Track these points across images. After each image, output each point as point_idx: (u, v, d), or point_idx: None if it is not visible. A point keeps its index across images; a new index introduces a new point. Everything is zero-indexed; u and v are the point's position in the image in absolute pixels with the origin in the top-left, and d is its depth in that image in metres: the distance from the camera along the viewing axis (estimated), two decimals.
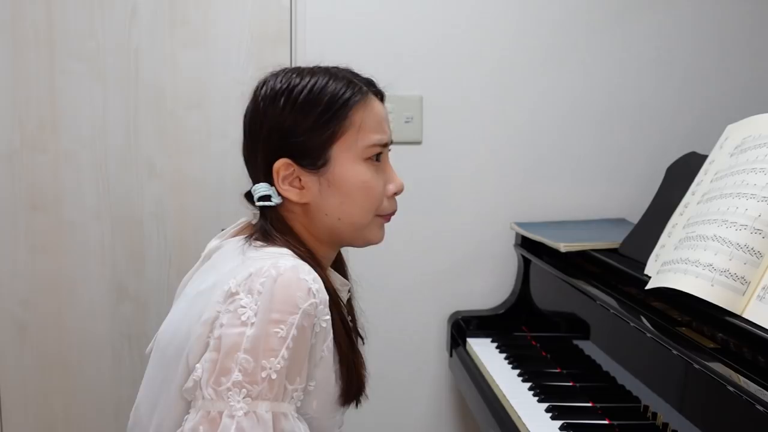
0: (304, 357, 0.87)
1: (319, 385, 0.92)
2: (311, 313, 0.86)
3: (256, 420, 0.83)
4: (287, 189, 0.97)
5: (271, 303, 0.84)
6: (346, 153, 0.96)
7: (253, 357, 0.83)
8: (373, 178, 0.98)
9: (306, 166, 0.96)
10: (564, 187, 1.97)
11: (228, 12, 1.87)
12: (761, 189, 1.14)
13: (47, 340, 1.95)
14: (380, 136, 0.98)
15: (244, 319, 0.85)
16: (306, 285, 0.86)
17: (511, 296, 1.90)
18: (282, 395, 0.85)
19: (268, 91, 0.99)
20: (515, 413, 1.36)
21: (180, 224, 1.94)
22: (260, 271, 0.87)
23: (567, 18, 1.91)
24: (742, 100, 1.97)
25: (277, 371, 0.84)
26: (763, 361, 1.01)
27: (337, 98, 0.95)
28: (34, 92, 1.86)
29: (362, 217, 0.99)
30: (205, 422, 0.84)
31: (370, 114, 0.98)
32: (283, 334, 0.84)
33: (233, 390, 0.83)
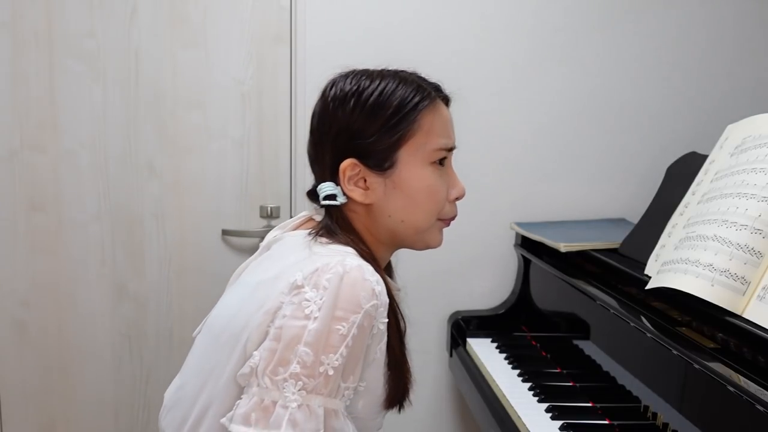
0: (360, 356, 0.88)
1: (369, 387, 0.93)
2: (372, 314, 0.87)
3: (308, 413, 0.84)
4: (352, 189, 0.97)
5: (336, 300, 0.86)
6: (412, 156, 0.96)
7: (314, 351, 0.84)
8: (437, 182, 0.99)
9: (372, 167, 0.96)
10: (564, 187, 1.97)
11: (228, 12, 1.87)
12: (761, 189, 1.14)
13: (47, 340, 1.95)
14: (446, 140, 0.99)
15: (308, 312, 0.86)
16: (370, 286, 0.87)
17: (511, 296, 1.90)
18: (335, 392, 0.87)
19: (338, 92, 0.99)
20: (515, 413, 1.36)
21: (180, 224, 1.94)
22: (327, 267, 0.88)
23: (567, 18, 1.91)
24: (742, 100, 1.97)
25: (334, 368, 0.85)
26: (763, 361, 1.01)
27: (406, 102, 0.96)
28: (34, 92, 1.86)
29: (425, 221, 0.99)
30: (258, 409, 0.85)
31: (438, 118, 0.98)
32: (344, 332, 0.85)
33: (289, 381, 0.84)
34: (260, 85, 1.90)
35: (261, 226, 1.95)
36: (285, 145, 1.92)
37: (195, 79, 1.89)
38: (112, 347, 1.98)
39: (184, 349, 2.00)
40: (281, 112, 1.91)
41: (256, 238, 1.95)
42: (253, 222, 1.95)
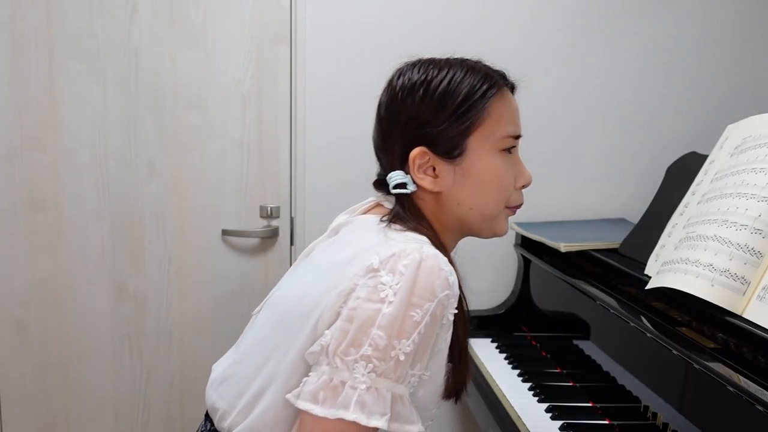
0: (429, 345, 0.89)
1: (432, 376, 0.93)
2: (444, 303, 0.88)
3: (377, 396, 0.84)
4: (422, 177, 0.97)
5: (412, 286, 0.86)
6: (482, 144, 0.97)
7: (387, 335, 0.84)
8: (506, 170, 0.99)
9: (442, 155, 0.96)
10: (564, 187, 1.97)
11: (228, 12, 1.87)
12: (761, 189, 1.14)
13: (47, 340, 1.96)
14: (514, 128, 1.00)
15: (383, 296, 0.86)
16: (445, 275, 0.88)
17: (511, 296, 1.90)
18: (403, 378, 0.87)
19: (406, 82, 1.00)
20: (515, 413, 1.36)
21: (180, 224, 1.94)
22: (404, 253, 0.88)
23: (567, 18, 1.91)
24: (742, 100, 1.97)
25: (405, 353, 0.85)
26: (763, 361, 1.01)
27: (475, 90, 0.96)
28: (34, 92, 1.86)
29: (494, 208, 1.00)
30: (327, 389, 0.85)
31: (506, 106, 0.99)
32: (418, 319, 0.85)
33: (360, 363, 0.84)
34: (260, 85, 1.90)
35: (261, 226, 1.95)
36: (285, 145, 1.92)
37: (195, 79, 1.89)
38: (112, 347, 1.98)
39: (184, 349, 2.01)
40: (281, 112, 1.91)
41: (256, 238, 1.95)
42: (253, 222, 1.95)
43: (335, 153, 1.89)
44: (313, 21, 1.85)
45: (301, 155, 1.90)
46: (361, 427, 0.84)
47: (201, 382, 2.06)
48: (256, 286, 1.98)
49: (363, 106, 1.90)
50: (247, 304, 1.99)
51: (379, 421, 0.84)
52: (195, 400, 2.02)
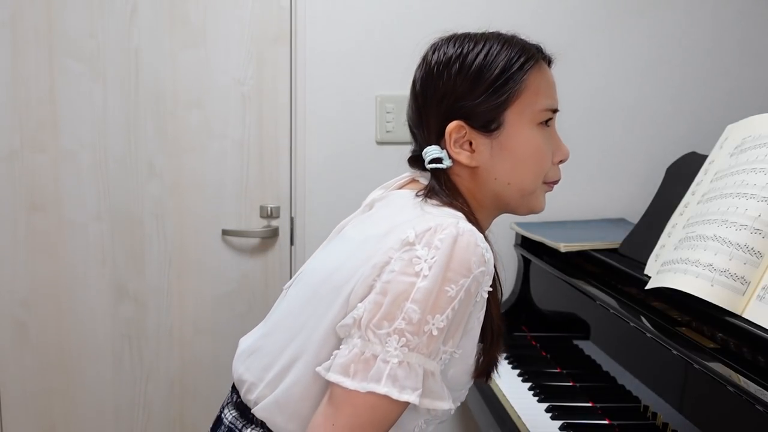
0: (462, 322, 0.88)
1: (463, 355, 0.92)
2: (479, 280, 0.86)
3: (409, 370, 0.83)
4: (459, 152, 0.96)
5: (448, 261, 0.84)
6: (519, 117, 0.95)
7: (421, 309, 0.83)
8: (544, 144, 0.98)
9: (479, 129, 0.95)
10: (564, 187, 1.95)
11: (228, 12, 1.87)
12: (761, 189, 1.14)
13: (47, 340, 1.96)
14: (552, 101, 0.99)
15: (418, 269, 0.84)
16: (481, 251, 0.86)
17: (511, 296, 1.90)
18: (435, 354, 0.86)
19: (441, 57, 0.98)
20: (515, 413, 1.36)
21: (180, 224, 1.94)
22: (440, 227, 0.86)
23: (567, 18, 1.91)
24: (742, 100, 1.97)
25: (439, 329, 0.84)
26: (763, 361, 1.01)
27: (512, 63, 0.95)
28: (34, 92, 1.86)
29: (531, 183, 0.99)
30: (359, 361, 0.84)
31: (543, 79, 0.98)
32: (453, 294, 0.84)
33: (393, 336, 0.83)
34: (260, 85, 1.90)
35: (261, 226, 1.95)
36: (285, 145, 1.92)
37: (195, 79, 1.89)
38: (112, 347, 1.98)
39: (184, 349, 2.01)
40: (281, 112, 1.91)
41: (256, 238, 1.95)
42: (253, 222, 1.95)
43: (335, 153, 1.89)
44: (313, 21, 1.85)
45: (301, 155, 1.90)
46: (393, 401, 0.83)
47: (201, 382, 2.08)
48: (256, 286, 1.98)
49: (363, 106, 1.91)
50: (247, 304, 1.99)
51: (411, 395, 0.83)
52: (195, 401, 2.02)
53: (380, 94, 1.88)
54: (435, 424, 0.98)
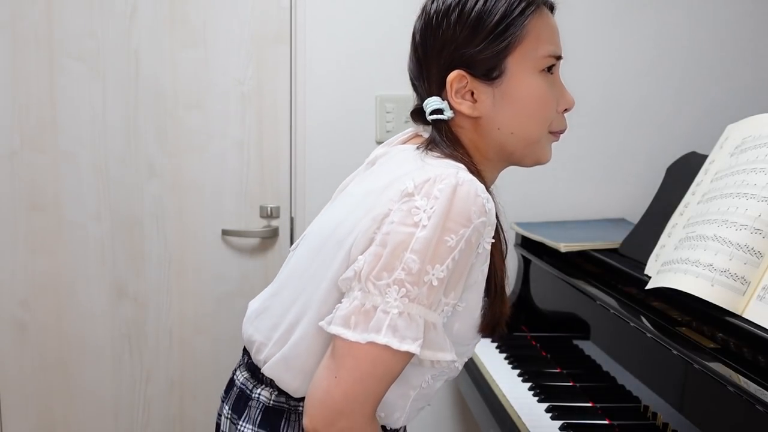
0: (464, 273, 0.87)
1: (467, 309, 0.91)
2: (480, 230, 0.85)
3: (409, 321, 0.83)
4: (460, 102, 0.94)
5: (447, 211, 0.83)
6: (521, 64, 0.93)
7: (420, 259, 0.83)
8: (548, 91, 0.95)
9: (480, 77, 0.93)
10: (564, 187, 1.97)
11: (228, 12, 1.87)
12: (761, 189, 1.14)
13: (47, 340, 1.96)
14: (555, 47, 0.97)
15: (417, 220, 0.84)
16: (481, 201, 0.85)
17: (510, 296, 1.89)
18: (436, 305, 0.85)
19: (440, 5, 0.94)
20: (515, 413, 1.36)
21: (180, 224, 1.94)
22: (440, 178, 0.85)
23: (566, 18, 1.90)
24: (742, 100, 1.97)
25: (439, 279, 0.83)
26: (763, 361, 1.01)
27: (513, 8, 0.92)
28: (34, 92, 1.86)
29: (536, 132, 0.96)
30: (359, 313, 0.84)
31: (545, 24, 0.96)
32: (452, 244, 0.83)
33: (393, 287, 0.83)
34: (260, 85, 1.90)
35: (261, 226, 1.95)
36: (285, 145, 1.92)
37: (195, 79, 1.89)
38: (111, 347, 1.98)
39: (184, 349, 2.01)
40: (281, 112, 1.91)
41: (257, 238, 1.95)
42: (253, 222, 1.95)
43: (335, 153, 1.89)
44: (313, 21, 1.85)
45: (301, 155, 1.90)
46: (394, 352, 0.83)
47: (201, 382, 2.08)
48: (256, 286, 1.98)
49: (363, 106, 1.91)
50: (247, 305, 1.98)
51: (412, 345, 0.83)
52: (195, 400, 2.02)
53: (380, 94, 1.88)
54: (443, 380, 0.98)
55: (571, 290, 1.56)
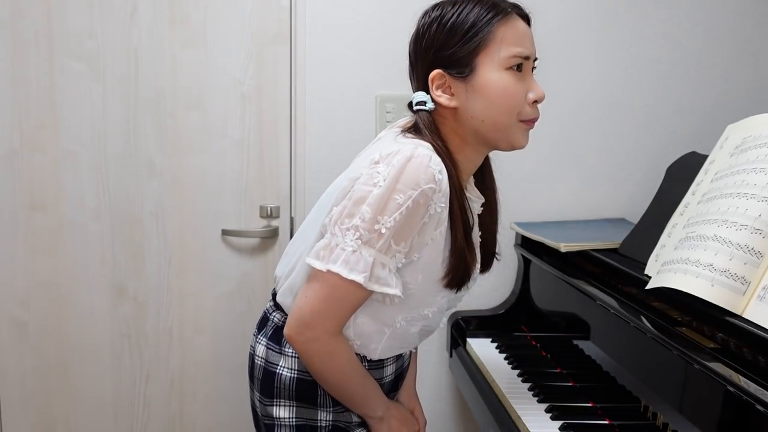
0: (412, 226, 1.07)
1: (425, 261, 1.12)
2: (428, 194, 1.05)
3: (359, 258, 1.06)
4: (439, 95, 1.13)
5: (399, 175, 1.05)
6: (488, 63, 1.10)
7: (372, 210, 1.05)
8: (512, 84, 1.11)
9: (455, 75, 1.12)
10: (564, 187, 1.97)
11: (228, 12, 1.87)
12: (761, 189, 1.14)
13: (47, 340, 1.96)
14: (520, 48, 1.11)
15: (375, 181, 1.06)
16: (431, 171, 1.05)
17: (511, 296, 1.90)
18: (386, 249, 1.07)
19: (427, 20, 1.15)
20: (515, 413, 1.36)
21: (180, 224, 1.94)
22: (401, 151, 1.06)
23: (567, 18, 1.91)
24: (742, 100, 1.97)
25: (387, 228, 1.05)
26: (763, 361, 1.01)
27: (481, 17, 1.10)
28: (33, 92, 1.86)
29: (503, 120, 1.12)
30: (326, 248, 1.09)
31: (511, 29, 1.11)
32: (400, 202, 1.04)
33: (350, 231, 1.06)
34: (260, 85, 1.90)
35: (261, 226, 1.95)
36: (285, 145, 1.92)
37: (195, 79, 1.89)
38: (111, 347, 1.98)
39: (184, 349, 2.01)
40: (281, 112, 1.91)
41: (256, 238, 1.95)
42: (253, 222, 1.95)
43: (335, 153, 1.89)
44: (313, 21, 1.85)
45: (301, 155, 1.90)
46: (345, 280, 1.06)
47: (201, 381, 2.08)
48: (256, 286, 1.98)
49: (363, 106, 1.91)
50: (247, 304, 1.99)
51: (358, 276, 1.05)
52: (195, 400, 2.02)
53: (380, 94, 1.88)
54: (419, 326, 1.21)
55: (571, 290, 1.56)
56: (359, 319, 1.16)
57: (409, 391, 1.42)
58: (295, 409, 1.21)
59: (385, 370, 1.26)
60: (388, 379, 1.28)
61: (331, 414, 1.22)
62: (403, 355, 1.31)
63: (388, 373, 1.27)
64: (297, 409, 1.21)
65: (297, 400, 1.21)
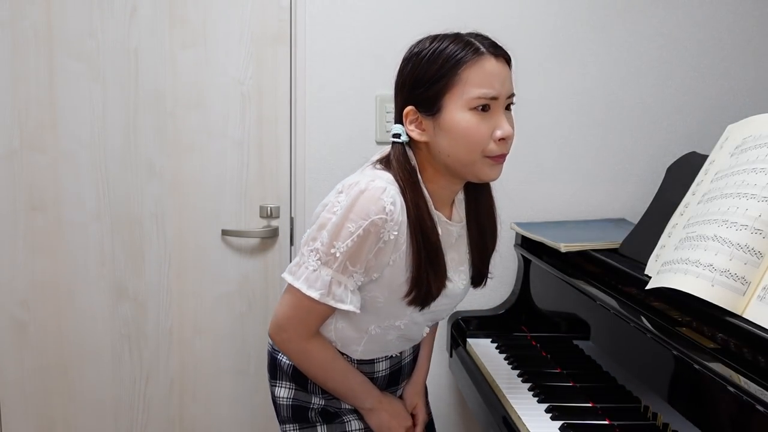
0: (364, 251, 1.16)
1: (388, 280, 1.21)
2: (378, 224, 1.15)
3: (318, 276, 1.18)
4: (412, 130, 1.21)
5: (352, 206, 1.15)
6: (454, 103, 1.16)
7: (329, 236, 1.17)
8: (475, 125, 1.16)
9: (425, 112, 1.19)
10: (564, 187, 1.97)
11: (228, 12, 1.87)
12: (761, 189, 1.14)
13: (47, 340, 1.96)
14: (485, 90, 1.15)
15: (335, 210, 1.18)
16: (382, 204, 1.14)
17: (511, 296, 1.90)
18: (342, 270, 1.17)
19: (407, 55, 1.22)
20: (515, 413, 1.36)
21: (180, 224, 1.94)
22: (358, 183, 1.17)
23: (568, 18, 1.91)
24: (742, 100, 1.97)
25: (341, 252, 1.16)
26: (763, 361, 1.01)
27: (450, 58, 1.15)
28: (33, 92, 1.86)
29: (466, 156, 1.18)
30: (296, 266, 1.22)
31: (479, 71, 1.15)
32: (352, 230, 1.15)
33: (313, 252, 1.19)
34: (260, 85, 1.90)
35: (261, 226, 1.95)
36: (285, 145, 1.92)
37: (195, 79, 1.89)
38: (111, 347, 1.98)
39: (184, 349, 2.01)
40: (281, 112, 1.91)
41: (256, 238, 1.95)
42: (253, 222, 1.95)
43: (335, 153, 1.89)
44: (313, 21, 1.85)
45: (301, 155, 1.90)
46: (303, 294, 1.19)
47: (201, 382, 2.08)
48: (256, 286, 1.98)
49: (363, 106, 1.91)
50: (247, 304, 1.99)
51: (314, 293, 1.18)
52: (195, 401, 2.02)
53: (380, 94, 1.88)
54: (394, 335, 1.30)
55: (571, 290, 1.56)
56: (339, 324, 1.28)
57: (414, 388, 1.47)
58: (294, 391, 1.35)
59: (376, 366, 1.36)
60: (382, 374, 1.37)
61: (322, 399, 1.34)
62: (402, 353, 1.40)
63: (381, 369, 1.37)
64: (295, 391, 1.35)
65: (295, 383, 1.34)
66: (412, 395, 1.46)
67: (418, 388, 1.47)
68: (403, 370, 1.42)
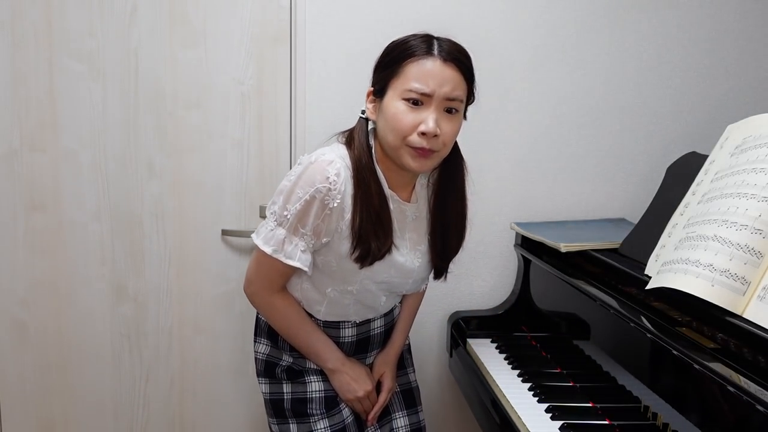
0: (310, 214, 1.30)
1: (337, 244, 1.34)
2: (323, 192, 1.28)
3: (273, 235, 1.33)
4: (369, 108, 1.36)
5: (301, 175, 1.30)
6: (394, 90, 1.29)
7: (283, 200, 1.32)
8: (402, 113, 1.27)
9: (377, 94, 1.33)
10: (564, 187, 1.97)
11: (228, 12, 1.87)
12: (761, 189, 1.14)
13: (47, 339, 1.95)
14: (418, 85, 1.26)
15: (290, 178, 1.33)
16: (326, 174, 1.28)
17: (511, 296, 1.90)
18: (293, 230, 1.32)
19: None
20: (515, 413, 1.36)
21: (180, 224, 1.94)
22: (311, 156, 1.33)
23: (567, 17, 1.91)
24: (742, 100, 1.97)
25: (292, 214, 1.31)
26: (763, 361, 1.01)
27: (403, 51, 1.29)
28: (33, 92, 1.86)
29: (391, 140, 1.30)
30: (260, 226, 1.37)
31: (419, 68, 1.27)
32: (300, 195, 1.29)
33: (272, 214, 1.35)
34: (260, 85, 1.90)
35: None
36: (285, 145, 1.92)
37: (195, 79, 1.89)
38: (111, 347, 1.98)
39: (184, 349, 2.01)
40: (281, 112, 1.91)
41: None
42: (252, 222, 1.95)
43: None
44: (313, 21, 1.85)
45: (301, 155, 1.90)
46: (260, 250, 1.35)
47: (201, 381, 2.08)
48: None
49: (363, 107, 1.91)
50: (247, 304, 1.98)
51: (268, 249, 1.33)
52: (195, 400, 2.02)
53: None
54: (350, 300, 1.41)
55: (571, 290, 1.56)
56: (304, 285, 1.41)
57: (384, 357, 1.54)
58: (269, 348, 1.49)
59: (342, 331, 1.46)
60: (348, 341, 1.47)
61: (290, 357, 1.47)
62: (371, 322, 1.49)
63: (347, 335, 1.47)
64: (270, 348, 1.49)
65: (269, 340, 1.49)
66: (380, 363, 1.53)
67: (387, 358, 1.54)
68: (372, 340, 1.51)
